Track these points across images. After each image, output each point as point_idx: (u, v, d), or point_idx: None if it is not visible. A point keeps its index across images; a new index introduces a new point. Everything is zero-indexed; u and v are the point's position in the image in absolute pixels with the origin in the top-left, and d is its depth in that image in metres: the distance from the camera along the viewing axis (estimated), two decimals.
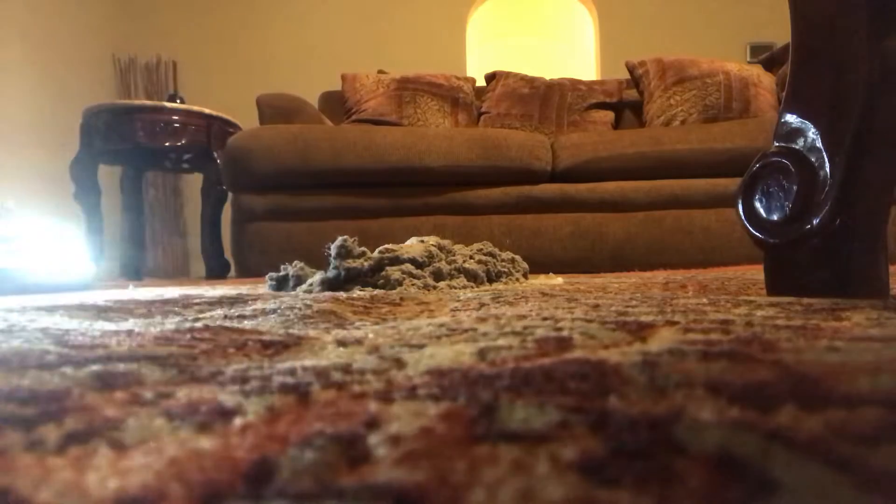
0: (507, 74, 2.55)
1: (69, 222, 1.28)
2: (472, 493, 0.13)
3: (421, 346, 0.31)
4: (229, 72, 4.03)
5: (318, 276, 0.94)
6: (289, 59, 4.01)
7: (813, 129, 0.58)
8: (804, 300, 0.53)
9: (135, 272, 2.52)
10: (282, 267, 1.00)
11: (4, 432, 0.17)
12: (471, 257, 1.00)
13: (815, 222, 0.58)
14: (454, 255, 0.99)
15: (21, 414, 0.19)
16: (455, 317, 0.47)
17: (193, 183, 3.49)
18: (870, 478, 0.14)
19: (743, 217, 0.63)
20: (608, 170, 1.98)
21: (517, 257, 1.12)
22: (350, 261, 0.90)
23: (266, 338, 0.36)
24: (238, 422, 0.19)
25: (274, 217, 1.93)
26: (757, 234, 0.62)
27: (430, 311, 0.52)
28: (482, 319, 0.43)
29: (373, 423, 0.18)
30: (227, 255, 2.36)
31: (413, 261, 0.91)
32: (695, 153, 1.97)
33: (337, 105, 2.56)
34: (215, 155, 2.40)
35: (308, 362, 0.28)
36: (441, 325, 0.41)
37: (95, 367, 0.27)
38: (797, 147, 0.60)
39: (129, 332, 0.39)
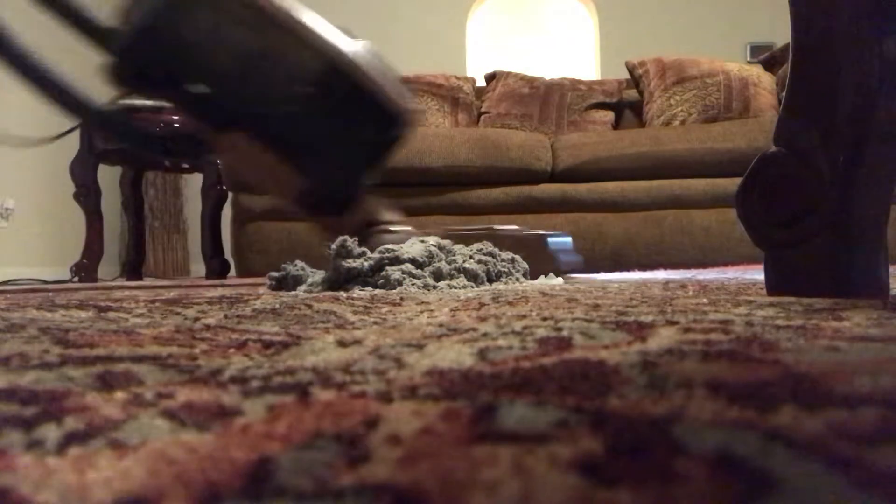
0: (507, 74, 2.55)
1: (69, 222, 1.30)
2: (472, 493, 0.13)
3: (421, 346, 0.31)
4: None
5: (318, 276, 0.94)
6: None
7: (813, 129, 0.58)
8: (804, 300, 0.53)
9: (135, 272, 2.52)
10: (282, 267, 1.00)
11: (4, 432, 0.18)
12: (471, 257, 1.00)
13: (815, 222, 0.58)
14: (454, 255, 0.99)
15: (21, 414, 0.19)
16: (455, 317, 0.47)
17: (193, 183, 3.49)
18: (870, 478, 0.14)
19: (743, 217, 0.63)
20: (608, 170, 1.98)
21: (517, 257, 1.12)
22: (350, 261, 0.90)
23: (266, 338, 0.36)
24: (238, 422, 0.19)
25: (274, 217, 1.93)
26: (757, 234, 0.62)
27: (430, 311, 0.52)
28: (482, 319, 0.43)
29: (373, 423, 0.18)
30: (227, 255, 2.36)
31: (413, 261, 0.91)
32: (695, 153, 1.97)
33: None
34: None
35: (308, 362, 0.28)
36: (441, 325, 0.41)
37: (95, 367, 0.27)
38: (797, 147, 0.60)
39: (129, 332, 0.39)
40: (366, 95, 1.09)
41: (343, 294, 0.79)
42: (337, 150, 1.13)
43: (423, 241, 1.00)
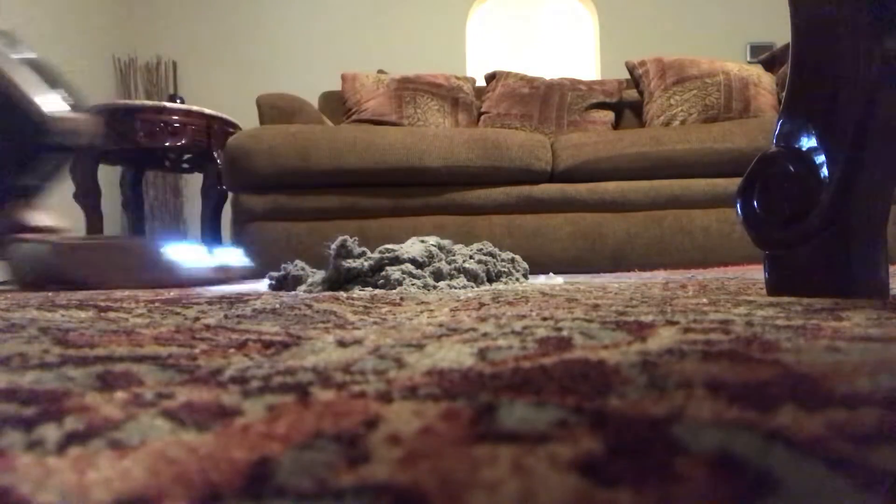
0: (507, 74, 2.55)
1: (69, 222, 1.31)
2: (472, 493, 0.13)
3: (421, 346, 0.31)
4: (229, 72, 4.03)
5: (318, 276, 0.94)
6: (289, 59, 4.01)
7: (813, 129, 0.58)
8: (804, 300, 0.53)
9: None
10: (282, 267, 1.00)
11: (4, 432, 0.17)
12: (471, 257, 1.00)
13: (815, 222, 0.58)
14: (454, 255, 0.99)
15: (21, 414, 0.19)
16: (455, 317, 0.47)
17: (193, 183, 3.49)
18: (870, 478, 0.14)
19: (743, 217, 0.63)
20: (608, 170, 1.98)
21: (517, 257, 1.12)
22: (350, 261, 0.90)
23: (266, 338, 0.36)
24: (238, 422, 0.19)
25: (274, 217, 1.93)
26: (757, 234, 0.62)
27: (430, 311, 0.52)
28: (482, 319, 0.43)
29: (373, 423, 0.18)
30: None
31: (413, 261, 0.91)
32: (695, 153, 1.97)
33: (337, 105, 2.56)
34: (215, 155, 2.39)
35: (308, 362, 0.28)
36: (441, 325, 0.41)
37: (95, 367, 0.27)
38: (797, 147, 0.60)
39: (129, 332, 0.39)
40: None
41: (343, 294, 0.79)
42: None
43: (423, 241, 1.00)
